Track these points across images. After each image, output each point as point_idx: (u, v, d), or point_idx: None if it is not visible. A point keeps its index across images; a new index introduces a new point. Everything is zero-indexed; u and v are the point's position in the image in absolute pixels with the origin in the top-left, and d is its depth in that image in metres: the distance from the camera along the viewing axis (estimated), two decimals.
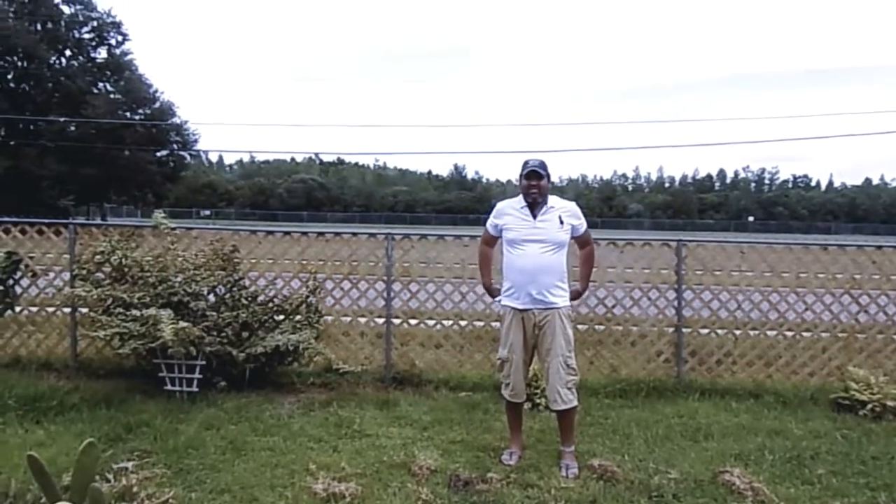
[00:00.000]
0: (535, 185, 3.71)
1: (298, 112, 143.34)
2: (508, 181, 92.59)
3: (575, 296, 4.04)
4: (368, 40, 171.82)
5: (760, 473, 3.68)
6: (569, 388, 3.73)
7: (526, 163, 3.77)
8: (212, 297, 5.17)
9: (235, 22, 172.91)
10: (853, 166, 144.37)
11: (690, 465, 3.79)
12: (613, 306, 5.58)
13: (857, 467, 3.84)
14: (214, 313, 4.95)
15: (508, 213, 3.84)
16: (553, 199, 3.81)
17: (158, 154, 42.97)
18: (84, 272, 5.18)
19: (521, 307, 3.74)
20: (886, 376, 5.11)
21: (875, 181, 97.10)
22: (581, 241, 4.00)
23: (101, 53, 41.09)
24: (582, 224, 3.90)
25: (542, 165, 3.76)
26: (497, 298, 4.01)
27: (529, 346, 3.81)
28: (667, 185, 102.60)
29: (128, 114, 40.00)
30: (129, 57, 41.59)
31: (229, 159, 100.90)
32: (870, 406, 4.78)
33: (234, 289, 5.25)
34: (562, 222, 3.74)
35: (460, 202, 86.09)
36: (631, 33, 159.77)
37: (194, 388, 4.79)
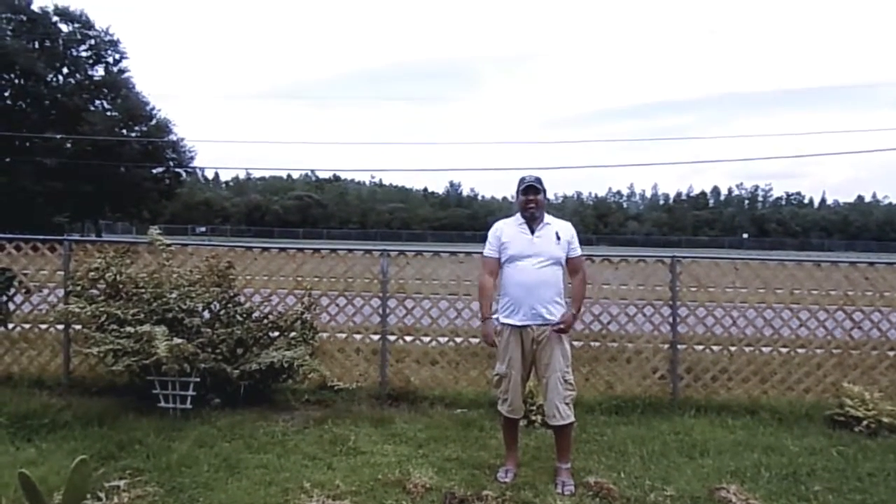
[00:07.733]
0: (532, 200, 3.80)
1: (294, 129, 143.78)
2: (504, 198, 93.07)
3: (568, 320, 3.78)
4: (364, 59, 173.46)
5: (756, 490, 3.67)
6: (567, 404, 3.74)
7: (522, 179, 3.86)
8: (206, 314, 5.15)
9: (233, 39, 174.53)
10: (846, 183, 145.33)
11: (686, 481, 3.78)
12: (609, 323, 5.59)
13: (854, 484, 3.84)
14: (209, 330, 4.94)
15: (507, 230, 3.89)
16: (550, 218, 3.90)
17: (154, 171, 42.91)
18: (78, 289, 5.17)
19: (519, 324, 3.76)
20: (881, 392, 5.13)
21: (867, 198, 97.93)
22: (573, 266, 3.91)
23: (99, 71, 41.14)
24: (576, 246, 3.89)
25: (538, 181, 3.85)
26: (495, 316, 3.98)
27: (528, 362, 3.82)
28: (661, 202, 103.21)
29: (124, 131, 40.05)
30: (126, 75, 41.73)
31: (225, 176, 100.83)
32: (865, 422, 4.80)
33: (229, 305, 5.26)
34: (558, 238, 3.81)
35: (456, 219, 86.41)
36: (627, 52, 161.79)
37: (188, 406, 4.76)
